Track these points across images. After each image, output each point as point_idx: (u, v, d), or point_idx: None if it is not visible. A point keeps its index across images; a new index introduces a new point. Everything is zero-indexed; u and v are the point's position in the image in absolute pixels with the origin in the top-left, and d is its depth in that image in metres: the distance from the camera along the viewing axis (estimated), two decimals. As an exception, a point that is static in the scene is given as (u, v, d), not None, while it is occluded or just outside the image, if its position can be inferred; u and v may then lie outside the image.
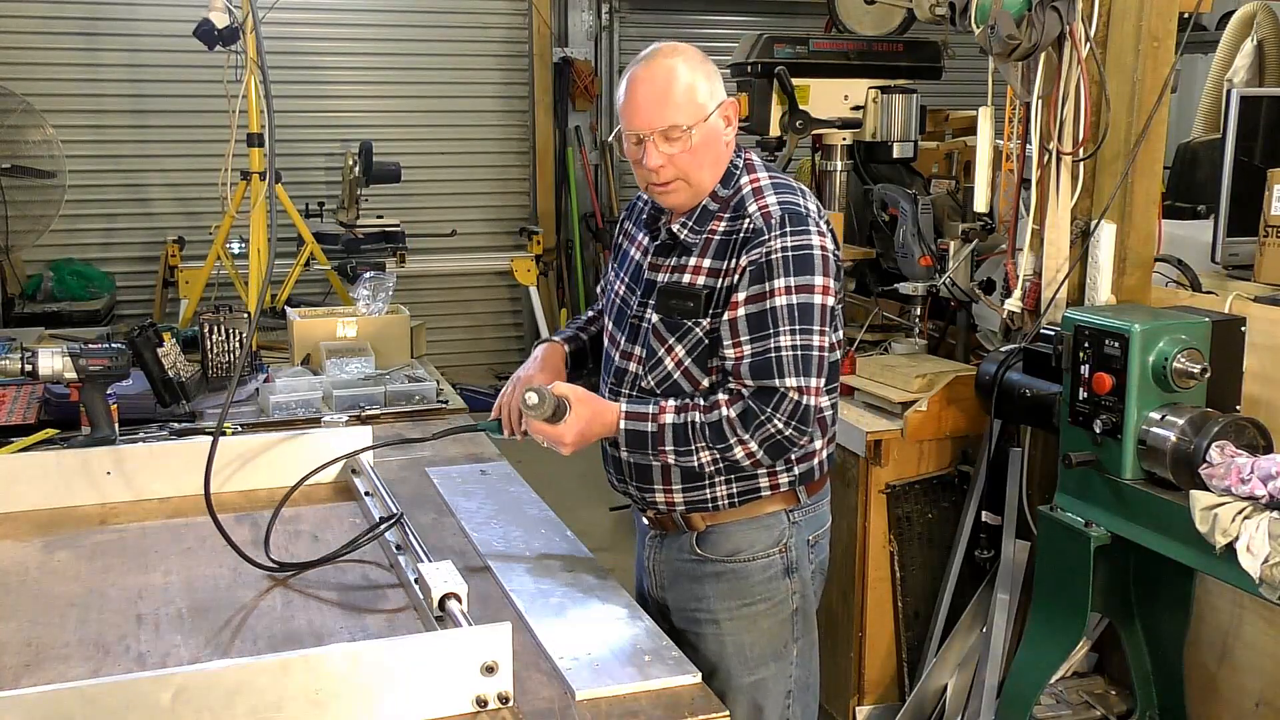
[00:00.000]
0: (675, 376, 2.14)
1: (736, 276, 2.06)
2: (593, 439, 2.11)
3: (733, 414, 2.03)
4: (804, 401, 2.03)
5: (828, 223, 2.14)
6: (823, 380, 2.07)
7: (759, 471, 2.16)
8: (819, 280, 2.06)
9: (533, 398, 2.09)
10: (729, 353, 2.07)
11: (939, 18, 3.38)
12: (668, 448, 2.07)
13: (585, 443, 2.11)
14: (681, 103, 2.04)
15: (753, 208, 2.09)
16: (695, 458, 2.06)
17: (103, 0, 6.65)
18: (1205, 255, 3.25)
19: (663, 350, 2.15)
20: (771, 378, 2.02)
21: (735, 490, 2.17)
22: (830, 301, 2.08)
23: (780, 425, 2.02)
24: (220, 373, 3.30)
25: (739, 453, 2.04)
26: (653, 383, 2.17)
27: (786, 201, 2.10)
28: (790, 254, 2.04)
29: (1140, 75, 2.91)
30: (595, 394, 2.15)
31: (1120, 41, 2.94)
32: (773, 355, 2.03)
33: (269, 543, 2.13)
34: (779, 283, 2.03)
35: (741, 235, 2.08)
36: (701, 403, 2.07)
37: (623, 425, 2.08)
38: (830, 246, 2.10)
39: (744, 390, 2.05)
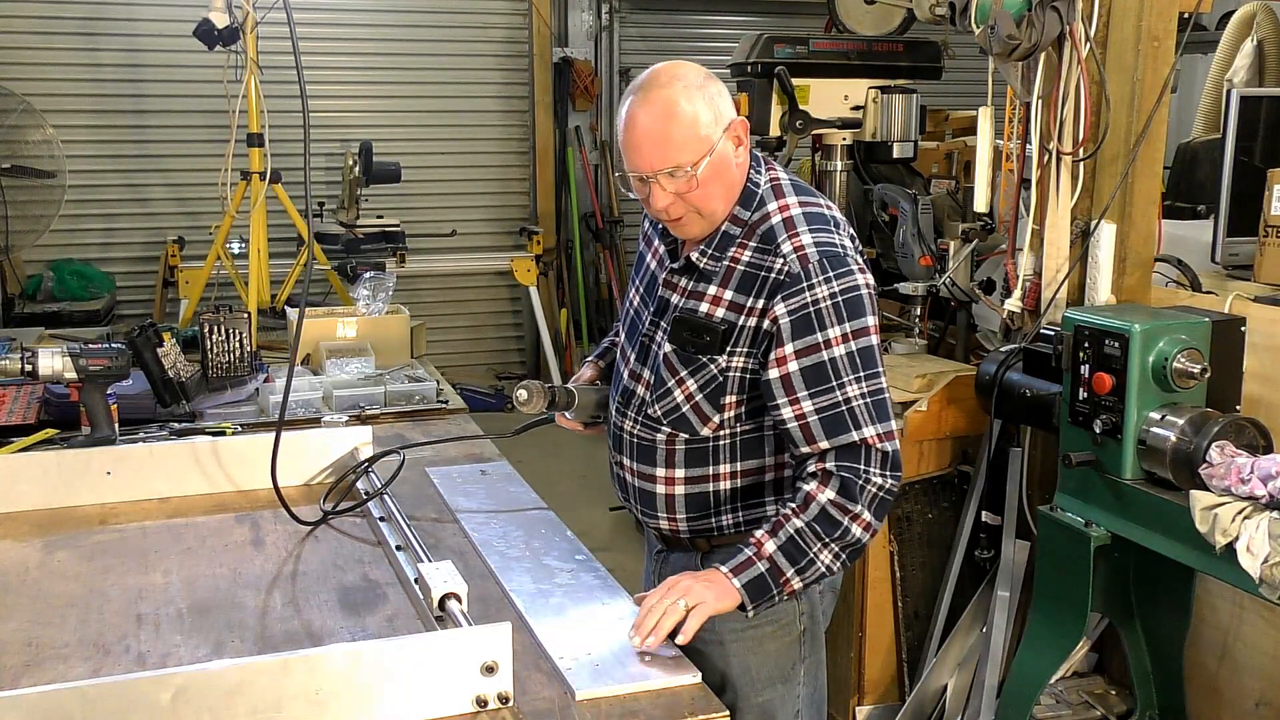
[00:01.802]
0: (684, 410, 2.04)
1: (768, 322, 1.93)
2: (715, 598, 1.88)
3: (832, 495, 1.89)
4: (888, 448, 1.91)
5: (863, 254, 2.03)
6: (894, 423, 1.97)
7: (765, 499, 2.09)
8: (871, 321, 1.95)
9: (522, 394, 2.11)
10: (786, 413, 1.93)
11: (939, 18, 3.37)
12: (789, 573, 1.88)
13: (711, 589, 1.88)
14: (684, 140, 1.91)
15: (786, 246, 1.95)
16: (818, 564, 1.89)
17: (103, 0, 6.65)
18: (1205, 255, 3.25)
19: (673, 381, 2.04)
20: (848, 431, 1.90)
21: (742, 519, 2.09)
22: (879, 340, 1.98)
23: (879, 481, 1.90)
24: (220, 372, 3.29)
25: (856, 530, 1.89)
26: (659, 411, 2.07)
27: (823, 242, 1.95)
28: (840, 299, 1.92)
29: (1140, 75, 2.91)
30: (705, 570, 1.95)
31: (1120, 41, 2.94)
32: (844, 408, 1.90)
33: (327, 497, 2.41)
34: (833, 332, 1.91)
35: (775, 276, 1.94)
36: (793, 505, 1.91)
37: (737, 583, 1.88)
38: (872, 282, 1.98)
39: (826, 461, 1.91)
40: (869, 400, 1.92)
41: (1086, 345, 2.61)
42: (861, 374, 1.92)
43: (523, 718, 1.63)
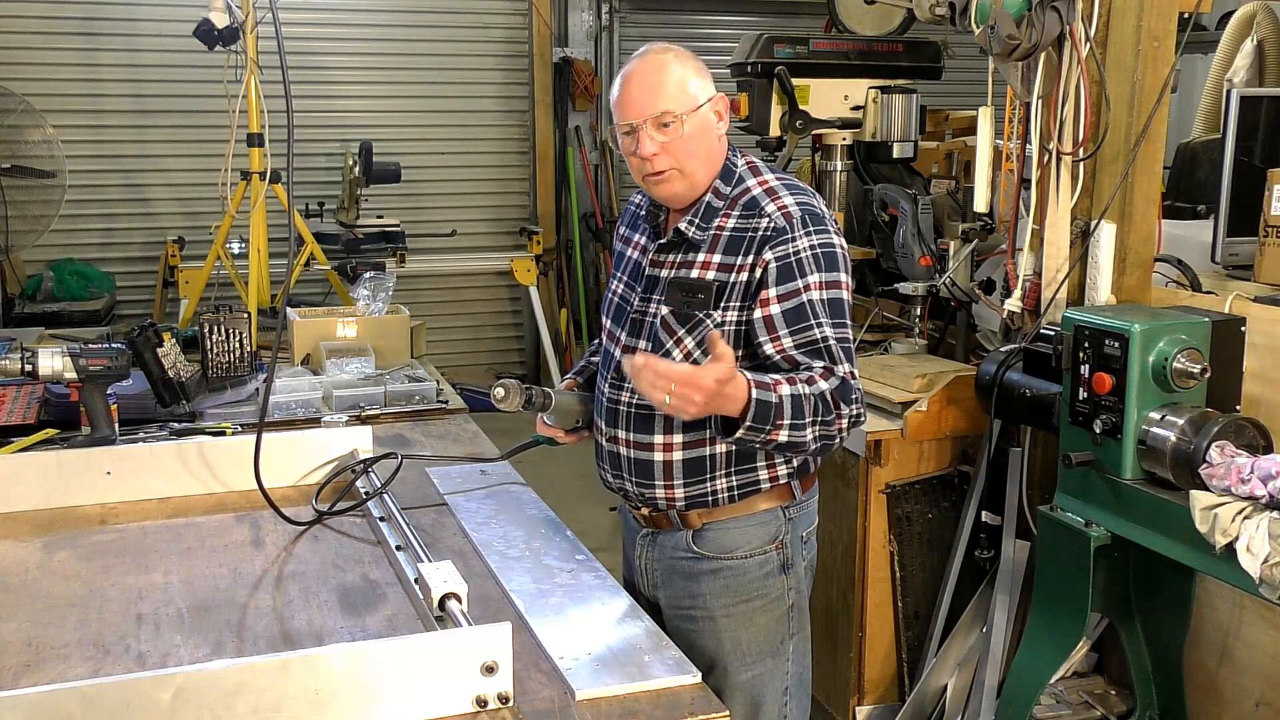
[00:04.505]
0: None
1: (759, 272, 2.08)
2: (723, 399, 1.90)
3: (830, 388, 2.01)
4: (858, 385, 2.07)
5: (836, 221, 2.18)
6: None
7: (758, 464, 2.17)
8: (844, 277, 2.12)
9: (499, 392, 2.18)
10: (769, 349, 2.07)
11: (939, 18, 3.37)
12: (785, 420, 1.95)
13: (716, 401, 1.89)
14: (673, 91, 2.08)
15: (770, 207, 2.11)
16: (804, 434, 1.98)
17: (103, 0, 6.65)
18: (1205, 255, 3.24)
19: (671, 342, 2.14)
20: (826, 362, 2.05)
21: (735, 483, 2.17)
22: (850, 298, 2.14)
23: (858, 407, 2.05)
24: (220, 372, 3.30)
25: (837, 425, 2.02)
26: None
27: (804, 202, 2.12)
28: (818, 251, 2.09)
29: (1140, 75, 2.91)
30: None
31: (1120, 41, 2.94)
32: (820, 345, 2.05)
33: (318, 496, 2.41)
34: (811, 278, 2.07)
35: (762, 233, 2.09)
36: (798, 376, 2.01)
37: (754, 395, 1.92)
38: (845, 245, 2.16)
39: (834, 370, 2.03)
40: (840, 345, 2.08)
41: (1086, 345, 2.61)
42: (833, 320, 2.08)
43: (523, 718, 1.63)
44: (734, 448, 2.14)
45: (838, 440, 2.06)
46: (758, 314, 2.08)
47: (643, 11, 7.90)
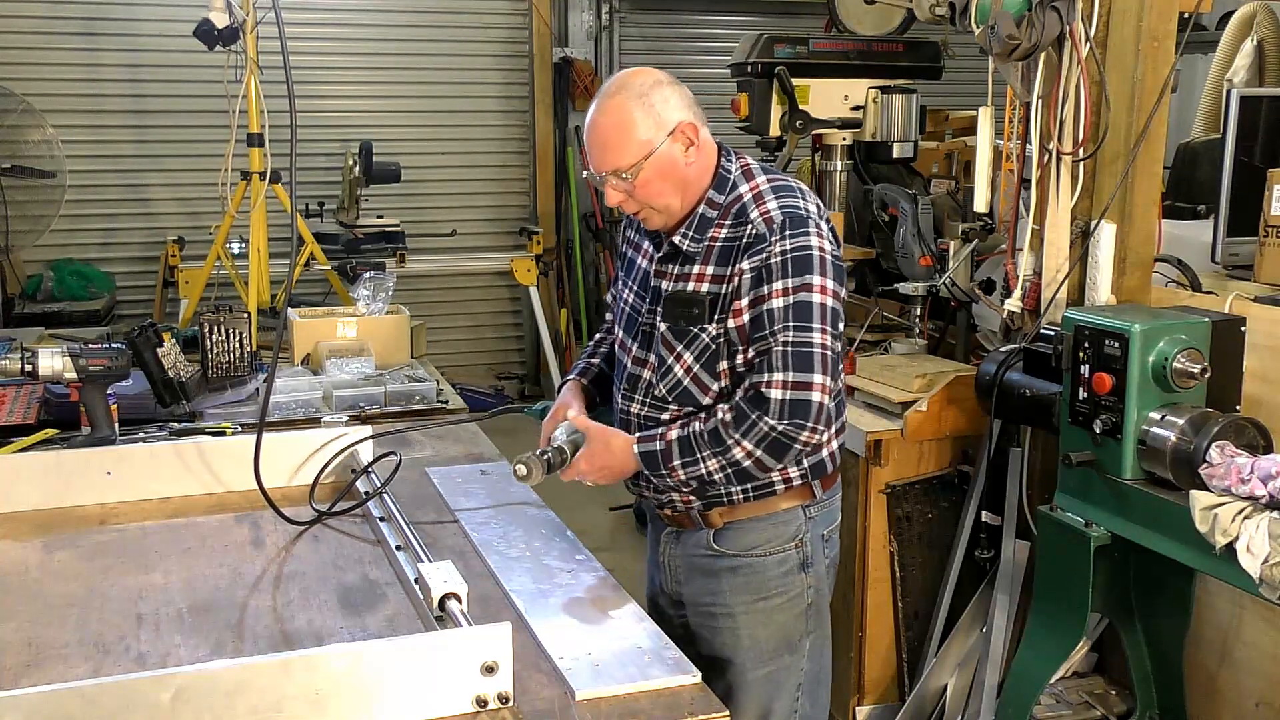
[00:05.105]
0: (685, 383, 2.17)
1: (736, 281, 2.09)
2: (615, 468, 2.19)
3: (726, 418, 2.08)
4: (792, 397, 2.03)
5: (829, 224, 2.16)
6: (827, 377, 2.05)
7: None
8: (816, 280, 2.07)
9: (521, 470, 2.19)
10: (739, 359, 2.12)
11: (939, 18, 3.37)
12: (675, 462, 2.12)
13: (610, 473, 2.20)
14: (622, 146, 2.08)
15: (755, 213, 2.11)
16: (701, 466, 2.10)
17: (103, 0, 6.65)
18: (1205, 255, 3.24)
19: (671, 358, 2.17)
20: (762, 374, 2.06)
21: (749, 485, 2.19)
22: (830, 301, 2.08)
23: (772, 422, 2.04)
24: (220, 372, 3.29)
25: (738, 453, 2.07)
26: (664, 390, 2.19)
27: (787, 206, 2.11)
28: (788, 256, 2.07)
29: (1140, 75, 2.91)
30: (616, 439, 2.20)
31: (1120, 41, 2.94)
32: (766, 356, 2.07)
33: (314, 492, 2.44)
34: (776, 285, 2.07)
35: (744, 241, 2.10)
36: (703, 415, 2.13)
37: (637, 449, 2.15)
38: (829, 248, 2.11)
39: (743, 393, 2.09)
40: (790, 350, 2.05)
41: (1086, 345, 2.61)
42: (791, 324, 2.06)
43: (523, 718, 1.63)
44: None
45: (749, 464, 2.08)
46: (731, 324, 2.12)
47: (643, 11, 7.89)
